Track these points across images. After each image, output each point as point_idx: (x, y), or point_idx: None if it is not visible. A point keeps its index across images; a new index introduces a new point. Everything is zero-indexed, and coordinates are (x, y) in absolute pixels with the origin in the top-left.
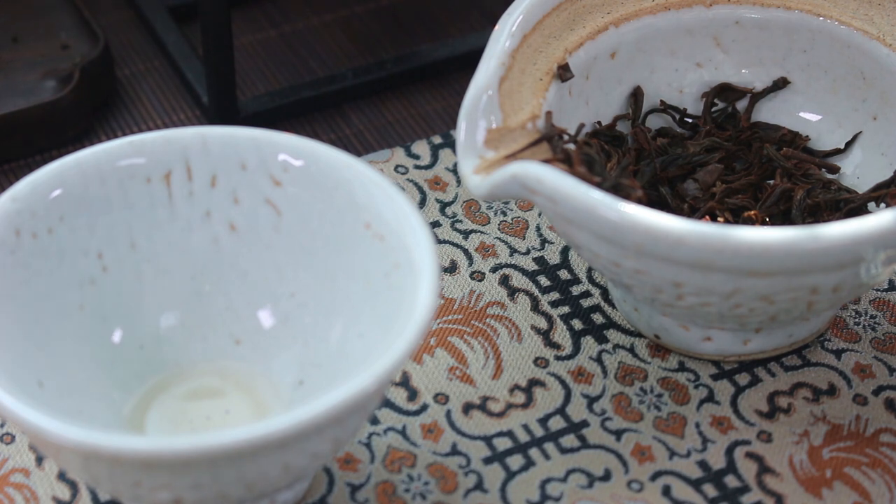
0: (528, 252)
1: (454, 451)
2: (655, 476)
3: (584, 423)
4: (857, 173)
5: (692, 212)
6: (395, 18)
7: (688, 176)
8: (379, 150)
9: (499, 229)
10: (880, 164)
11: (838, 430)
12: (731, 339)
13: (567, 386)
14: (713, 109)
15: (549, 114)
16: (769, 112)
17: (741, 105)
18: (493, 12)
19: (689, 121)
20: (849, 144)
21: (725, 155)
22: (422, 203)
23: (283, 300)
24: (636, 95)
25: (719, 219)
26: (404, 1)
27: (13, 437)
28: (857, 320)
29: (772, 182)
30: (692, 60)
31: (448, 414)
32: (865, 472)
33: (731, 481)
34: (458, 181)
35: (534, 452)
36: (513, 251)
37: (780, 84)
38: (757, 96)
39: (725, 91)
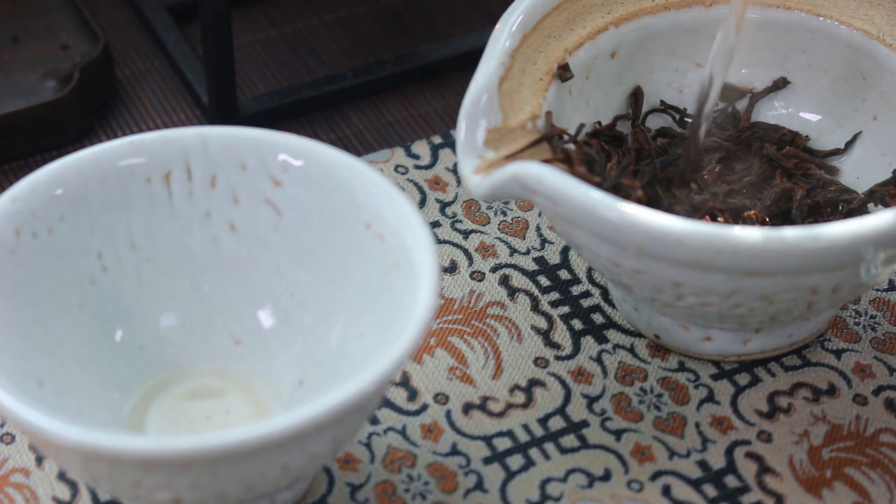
0: (528, 252)
1: (454, 451)
2: (655, 476)
3: (584, 423)
4: (857, 173)
5: (692, 212)
6: (395, 18)
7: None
8: (379, 150)
9: (499, 229)
10: (880, 164)
11: (838, 430)
12: (731, 339)
13: (567, 386)
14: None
15: (549, 114)
16: (769, 112)
17: (741, 105)
18: (493, 12)
19: (689, 121)
20: (849, 144)
21: (725, 155)
22: (422, 203)
23: (283, 300)
24: (636, 95)
25: (719, 219)
26: (404, 1)
27: (13, 437)
28: (857, 320)
29: (772, 182)
30: (692, 60)
31: (448, 414)
32: (865, 472)
33: (731, 481)
34: (458, 181)
35: (534, 452)
36: (513, 251)
37: (780, 84)
38: (757, 96)
39: (725, 91)
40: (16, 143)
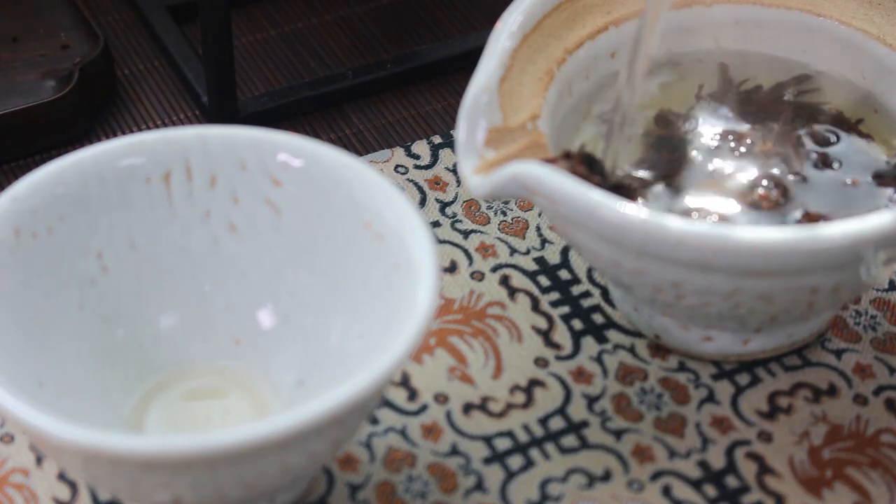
0: (528, 252)
1: (454, 451)
2: (655, 476)
3: (584, 423)
4: None
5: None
6: (395, 18)
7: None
8: (379, 150)
9: (499, 229)
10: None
11: (838, 430)
12: (731, 339)
13: (567, 386)
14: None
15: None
16: None
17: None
18: (493, 12)
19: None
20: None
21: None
22: (422, 203)
23: (283, 300)
24: None
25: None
26: (404, 1)
27: (13, 438)
28: (857, 320)
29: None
30: (692, 60)
31: (448, 414)
32: (865, 472)
33: (731, 481)
34: (458, 181)
35: (534, 452)
36: (513, 251)
37: (802, 79)
38: (781, 86)
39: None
40: (16, 143)
